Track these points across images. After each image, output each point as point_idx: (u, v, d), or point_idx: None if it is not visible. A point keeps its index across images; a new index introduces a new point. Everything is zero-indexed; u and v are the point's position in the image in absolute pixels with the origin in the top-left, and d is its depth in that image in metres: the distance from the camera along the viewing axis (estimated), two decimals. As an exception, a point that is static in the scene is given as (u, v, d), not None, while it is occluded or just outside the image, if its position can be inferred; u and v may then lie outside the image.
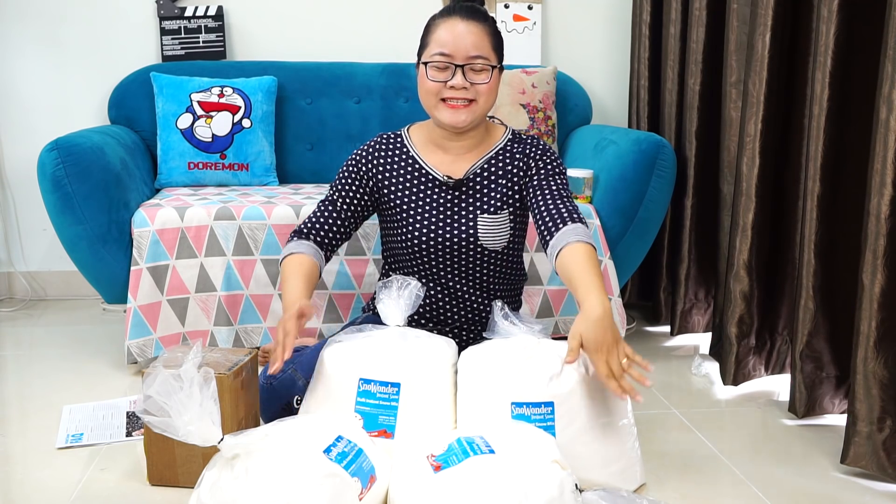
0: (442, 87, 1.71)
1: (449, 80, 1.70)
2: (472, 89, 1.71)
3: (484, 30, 1.72)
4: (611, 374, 1.47)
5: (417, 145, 1.84)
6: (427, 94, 1.74)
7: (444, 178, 1.80)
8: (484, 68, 1.70)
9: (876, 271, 1.57)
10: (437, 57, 1.70)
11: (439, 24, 1.73)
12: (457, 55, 1.69)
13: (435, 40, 1.72)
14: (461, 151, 1.82)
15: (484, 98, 1.73)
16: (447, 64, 1.70)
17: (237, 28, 2.94)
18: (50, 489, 1.58)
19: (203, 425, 1.29)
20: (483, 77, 1.71)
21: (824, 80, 1.76)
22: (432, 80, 1.71)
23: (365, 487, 1.37)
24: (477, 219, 1.79)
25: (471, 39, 1.69)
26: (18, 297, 2.97)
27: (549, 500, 1.30)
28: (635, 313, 2.77)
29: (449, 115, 1.73)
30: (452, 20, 1.71)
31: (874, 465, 1.62)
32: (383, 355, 1.58)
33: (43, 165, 2.11)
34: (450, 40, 1.69)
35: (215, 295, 2.23)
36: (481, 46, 1.70)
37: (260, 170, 2.66)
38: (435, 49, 1.71)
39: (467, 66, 1.69)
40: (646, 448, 1.69)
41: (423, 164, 1.81)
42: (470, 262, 1.80)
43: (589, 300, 1.52)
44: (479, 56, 1.70)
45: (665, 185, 2.30)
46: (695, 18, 2.40)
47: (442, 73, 1.71)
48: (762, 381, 2.18)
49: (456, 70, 1.69)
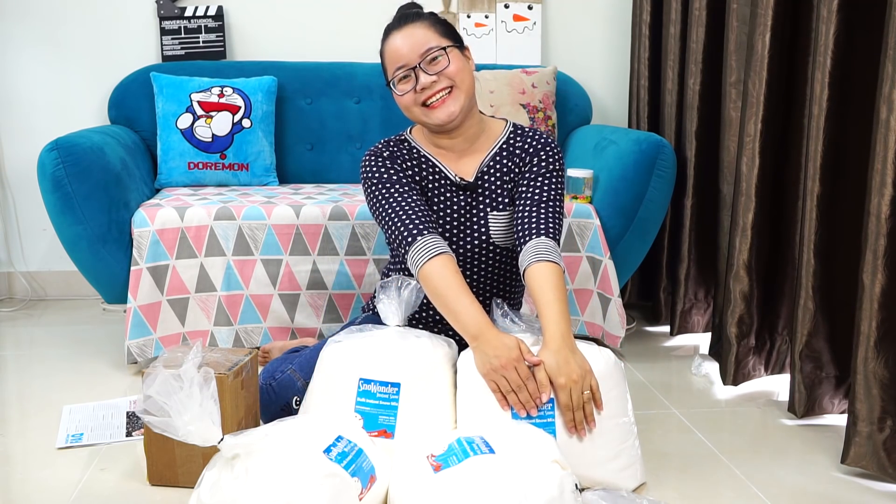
0: (415, 95, 1.73)
1: (416, 84, 1.72)
2: (442, 77, 1.71)
3: (420, 27, 1.74)
4: (569, 405, 1.49)
5: (425, 147, 1.85)
6: (407, 109, 1.76)
7: (459, 179, 1.80)
8: (440, 55, 1.71)
9: (876, 271, 1.57)
10: (396, 73, 1.73)
11: (384, 48, 1.77)
12: (409, 60, 1.71)
13: (388, 61, 1.75)
14: (462, 147, 1.82)
15: (459, 77, 1.73)
16: (406, 73, 1.72)
17: (237, 28, 2.94)
18: (50, 489, 1.58)
19: (203, 425, 1.29)
20: (443, 62, 1.72)
21: (824, 80, 1.76)
22: (403, 94, 1.74)
23: (365, 487, 1.37)
24: (487, 217, 1.79)
25: (410, 42, 1.71)
26: (18, 297, 2.97)
27: (549, 499, 1.30)
28: (635, 313, 2.77)
29: (438, 113, 1.73)
30: (391, 37, 1.74)
31: (874, 465, 1.62)
32: (383, 355, 1.58)
33: (43, 165, 2.11)
34: (396, 53, 1.72)
35: (215, 295, 2.23)
36: (424, 41, 1.71)
37: (260, 170, 2.66)
38: (391, 67, 1.74)
39: (422, 62, 1.71)
40: (646, 448, 1.69)
41: (437, 162, 1.82)
42: (481, 259, 1.81)
43: (548, 330, 1.56)
44: (428, 49, 1.71)
45: (665, 185, 2.30)
46: (695, 18, 2.40)
47: (408, 82, 1.73)
48: (762, 381, 2.18)
49: (415, 71, 1.71)
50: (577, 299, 2.37)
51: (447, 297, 1.60)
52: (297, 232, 2.23)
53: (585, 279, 2.35)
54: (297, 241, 2.24)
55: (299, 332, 2.29)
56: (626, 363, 2.32)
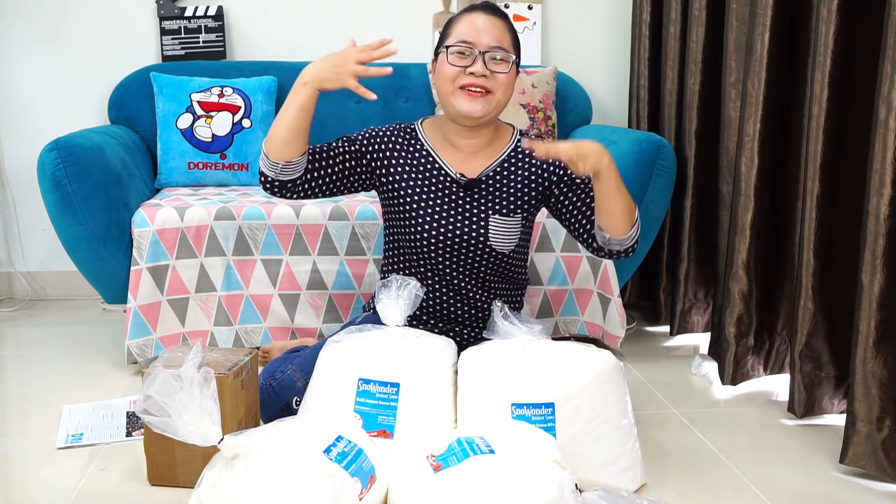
0: (461, 73, 1.71)
1: (469, 67, 1.70)
2: (492, 78, 1.71)
3: (505, 25, 1.75)
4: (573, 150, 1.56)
5: (431, 140, 1.84)
6: (445, 81, 1.74)
7: (458, 175, 1.80)
8: (504, 59, 1.72)
9: (875, 271, 1.57)
10: (459, 45, 1.71)
11: (461, 18, 1.75)
12: (479, 43, 1.71)
13: (456, 32, 1.73)
14: (473, 149, 1.82)
15: (502, 90, 1.73)
16: (469, 50, 1.71)
17: (237, 28, 2.94)
18: (50, 489, 1.58)
19: (203, 425, 1.29)
20: (503, 67, 1.72)
21: (823, 80, 1.76)
22: (452, 65, 1.72)
23: (365, 487, 1.37)
24: (489, 219, 1.79)
25: (493, 32, 1.71)
26: (18, 297, 2.97)
27: (549, 500, 1.30)
28: (635, 313, 2.77)
29: (466, 103, 1.72)
30: (474, 14, 1.74)
31: (873, 464, 1.62)
32: (383, 355, 1.58)
33: (43, 165, 2.11)
34: (472, 31, 1.71)
35: (215, 295, 2.23)
36: (502, 39, 1.72)
37: (260, 170, 2.66)
38: (456, 36, 1.72)
39: (488, 53, 1.70)
40: (646, 448, 1.69)
41: (437, 158, 1.81)
42: (476, 261, 1.80)
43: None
44: (500, 47, 1.71)
45: (665, 185, 2.30)
46: (694, 18, 2.40)
47: (462, 59, 1.71)
48: (761, 381, 2.18)
49: (477, 57, 1.70)
50: (577, 299, 2.37)
51: (278, 120, 1.70)
52: (297, 232, 2.23)
53: (585, 279, 2.35)
54: (297, 241, 2.24)
55: (299, 332, 2.29)
56: (626, 363, 2.33)
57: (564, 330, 2.39)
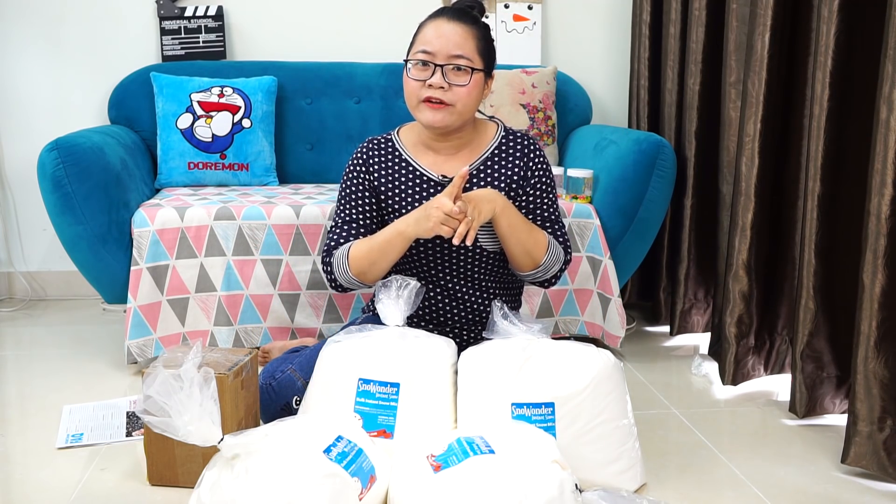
0: (422, 87, 1.70)
1: (428, 80, 1.69)
2: (451, 91, 1.69)
3: (470, 32, 1.71)
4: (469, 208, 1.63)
5: (408, 147, 1.84)
6: (409, 95, 1.74)
7: (441, 178, 1.79)
8: (465, 70, 1.69)
9: (876, 271, 1.57)
10: (419, 55, 1.70)
11: (427, 23, 1.73)
12: (438, 54, 1.69)
13: (420, 39, 1.72)
14: (451, 151, 1.82)
15: (462, 102, 1.71)
16: (428, 62, 1.69)
17: (237, 28, 2.94)
18: (50, 489, 1.58)
19: (203, 425, 1.29)
20: (462, 79, 1.69)
21: (824, 80, 1.76)
22: (413, 80, 1.72)
23: (365, 487, 1.37)
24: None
25: (454, 39, 1.69)
26: (18, 297, 2.97)
27: (549, 500, 1.30)
28: (635, 313, 2.77)
29: (429, 114, 1.72)
30: (439, 20, 1.71)
31: (875, 464, 1.62)
32: (383, 355, 1.58)
33: (43, 165, 2.11)
34: (433, 38, 1.69)
35: (215, 295, 2.23)
36: (464, 47, 1.69)
37: (260, 170, 2.66)
38: (418, 47, 1.71)
39: (447, 65, 1.69)
40: (646, 448, 1.69)
41: (416, 165, 1.81)
42: (469, 263, 1.80)
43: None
44: (461, 56, 1.69)
45: (665, 185, 2.30)
46: (694, 18, 2.40)
47: (423, 71, 1.71)
48: (761, 381, 2.18)
49: (435, 69, 1.69)
50: (577, 299, 2.37)
51: (373, 250, 1.73)
52: (297, 232, 2.23)
53: (585, 279, 2.35)
54: (297, 241, 2.24)
55: (299, 332, 2.29)
56: (626, 363, 2.32)
57: (564, 330, 2.39)
